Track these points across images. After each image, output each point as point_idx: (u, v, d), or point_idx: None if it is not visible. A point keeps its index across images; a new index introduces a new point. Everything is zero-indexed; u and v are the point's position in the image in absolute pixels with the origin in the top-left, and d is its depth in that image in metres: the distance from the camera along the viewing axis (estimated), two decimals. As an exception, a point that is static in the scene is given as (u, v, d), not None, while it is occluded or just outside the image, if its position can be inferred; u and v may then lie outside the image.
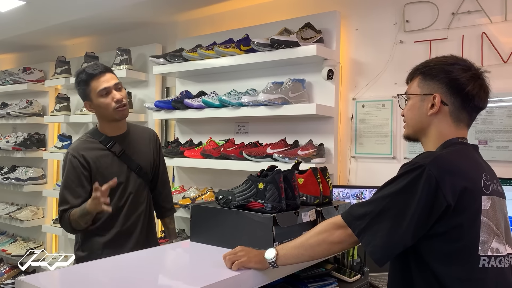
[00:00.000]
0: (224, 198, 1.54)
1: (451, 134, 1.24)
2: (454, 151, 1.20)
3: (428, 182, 1.10)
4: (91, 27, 3.75)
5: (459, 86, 1.21)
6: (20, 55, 5.01)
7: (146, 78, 3.54)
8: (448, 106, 1.23)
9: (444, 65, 1.24)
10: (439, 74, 1.24)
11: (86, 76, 1.97)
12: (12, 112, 4.21)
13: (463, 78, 1.21)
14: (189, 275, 1.37)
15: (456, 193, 1.11)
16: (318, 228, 1.27)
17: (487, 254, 1.13)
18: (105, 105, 1.96)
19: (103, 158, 1.99)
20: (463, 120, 1.25)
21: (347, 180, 2.57)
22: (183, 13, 3.34)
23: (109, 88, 1.96)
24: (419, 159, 1.17)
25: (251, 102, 2.53)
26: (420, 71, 1.29)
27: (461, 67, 1.23)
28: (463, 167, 1.16)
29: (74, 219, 1.88)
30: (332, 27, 2.57)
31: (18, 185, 4.13)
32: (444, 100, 1.23)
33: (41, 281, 1.25)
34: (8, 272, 4.26)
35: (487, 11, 2.19)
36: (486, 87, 1.24)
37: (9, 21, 3.63)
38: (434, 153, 1.19)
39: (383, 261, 1.13)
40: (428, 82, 1.26)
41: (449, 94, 1.22)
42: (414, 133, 1.32)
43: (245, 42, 2.67)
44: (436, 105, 1.23)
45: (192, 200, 2.88)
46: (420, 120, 1.28)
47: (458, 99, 1.22)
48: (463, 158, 1.19)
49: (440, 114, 1.24)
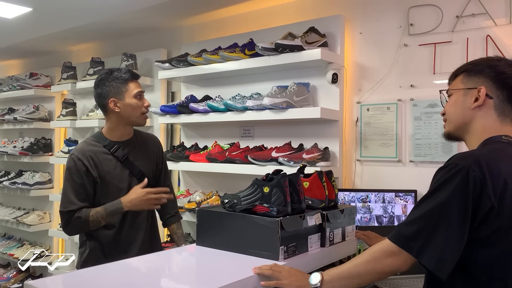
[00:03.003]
0: (230, 202, 1.54)
1: (495, 130, 1.21)
2: (494, 149, 1.16)
3: (473, 184, 1.06)
4: (97, 33, 3.78)
5: (505, 80, 1.21)
6: (27, 61, 5.05)
7: (151, 83, 3.56)
8: (493, 99, 1.21)
9: (490, 61, 1.25)
10: (484, 69, 1.23)
11: (128, 75, 2.04)
12: (19, 117, 4.24)
13: (510, 72, 1.21)
14: (195, 280, 1.37)
15: (497, 194, 1.08)
16: (365, 256, 1.20)
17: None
18: (137, 106, 2.04)
19: (106, 162, 2.01)
20: (509, 115, 1.22)
21: (353, 184, 2.57)
22: (188, 18, 3.36)
23: (143, 94, 2.09)
24: (457, 160, 1.12)
25: (256, 106, 2.54)
26: (464, 68, 1.28)
27: (507, 62, 1.23)
28: (504, 166, 1.11)
29: (97, 218, 1.92)
30: (336, 31, 2.57)
31: (25, 190, 4.15)
32: (489, 93, 1.21)
33: (48, 285, 1.27)
34: (16, 276, 4.29)
35: (492, 14, 2.18)
36: None
37: (16, 27, 3.67)
38: (473, 152, 1.16)
39: (448, 274, 1.08)
40: (473, 77, 1.25)
41: (494, 87, 1.21)
42: (456, 129, 1.28)
43: (249, 47, 2.68)
44: (481, 97, 1.21)
45: (197, 204, 2.88)
46: (463, 114, 1.25)
47: (504, 92, 1.21)
48: (504, 157, 1.14)
49: (484, 107, 1.22)
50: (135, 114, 2.04)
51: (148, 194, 1.97)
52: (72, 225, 1.95)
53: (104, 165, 2.00)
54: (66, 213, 1.94)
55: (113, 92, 2.02)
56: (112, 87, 2.02)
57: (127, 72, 2.05)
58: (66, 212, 1.94)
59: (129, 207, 1.95)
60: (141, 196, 1.96)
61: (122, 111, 2.02)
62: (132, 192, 1.98)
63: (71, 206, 1.93)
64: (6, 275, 4.33)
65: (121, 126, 2.06)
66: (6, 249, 4.39)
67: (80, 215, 1.92)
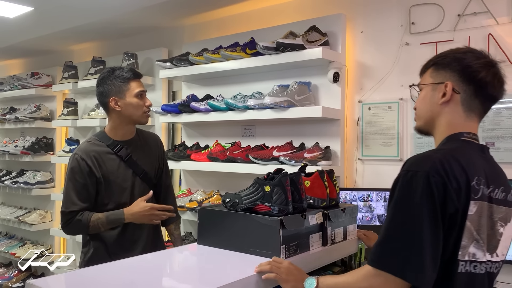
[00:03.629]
0: (231, 201, 1.54)
1: (460, 126, 1.19)
2: (451, 150, 1.15)
3: (436, 189, 1.05)
4: (98, 32, 3.78)
5: (472, 73, 1.17)
6: (28, 60, 5.06)
7: (152, 82, 3.56)
8: (460, 94, 1.18)
9: (456, 54, 1.21)
10: (451, 63, 1.20)
11: (130, 74, 2.04)
12: (20, 117, 4.25)
13: (476, 65, 1.17)
14: (197, 279, 1.37)
15: (456, 196, 1.07)
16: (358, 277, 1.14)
17: (464, 258, 1.10)
18: (138, 106, 2.03)
19: (110, 162, 2.01)
20: (475, 110, 1.19)
21: (354, 183, 2.57)
22: (189, 18, 3.36)
23: (144, 93, 2.08)
24: (415, 165, 1.10)
25: (257, 105, 2.53)
26: (433, 61, 1.25)
27: (474, 55, 1.19)
28: (456, 169, 1.09)
29: (97, 224, 1.93)
30: (337, 30, 2.57)
31: (26, 189, 4.16)
32: (456, 88, 1.19)
33: (50, 284, 1.27)
34: (17, 276, 4.30)
35: (493, 12, 2.18)
36: (500, 76, 1.19)
37: (17, 27, 3.67)
38: (428, 155, 1.12)
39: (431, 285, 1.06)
40: (441, 71, 1.22)
41: (461, 81, 1.18)
42: (425, 124, 1.27)
43: (250, 46, 2.68)
44: (448, 93, 1.19)
45: (199, 203, 2.88)
46: (431, 110, 1.23)
47: (470, 87, 1.18)
48: (457, 158, 1.11)
49: (451, 103, 1.20)
50: (137, 113, 2.04)
51: (152, 210, 1.97)
52: (71, 226, 1.95)
53: (107, 165, 2.00)
54: (68, 214, 1.94)
55: (114, 90, 2.01)
56: (114, 86, 2.01)
57: (129, 71, 2.04)
58: (68, 212, 1.94)
59: (130, 219, 1.96)
60: (145, 211, 1.96)
61: (123, 110, 2.02)
62: (136, 204, 1.98)
63: (72, 207, 1.93)
64: (8, 274, 4.34)
65: (123, 125, 2.05)
66: (7, 248, 4.40)
67: (81, 218, 1.92)
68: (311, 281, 1.24)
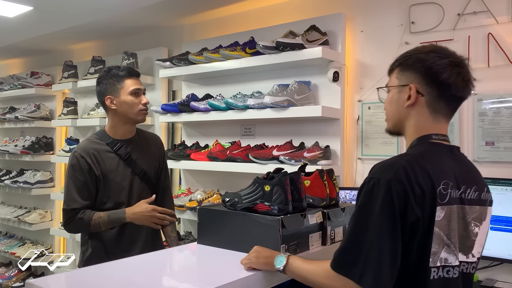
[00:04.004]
0: (231, 201, 1.54)
1: (428, 128, 1.18)
2: (414, 156, 1.13)
3: (397, 198, 1.04)
4: (97, 32, 3.78)
5: (434, 75, 1.14)
6: (28, 60, 5.06)
7: (152, 82, 3.56)
8: (424, 96, 1.16)
9: (420, 54, 1.18)
10: (415, 64, 1.17)
11: (125, 72, 2.03)
12: (20, 116, 4.25)
13: (438, 66, 1.14)
14: (197, 278, 1.37)
15: (419, 204, 1.06)
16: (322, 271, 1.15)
17: (436, 265, 1.10)
18: (133, 104, 2.02)
19: (109, 160, 2.01)
20: (441, 111, 1.18)
21: (354, 182, 2.57)
22: (189, 17, 3.36)
23: (140, 91, 2.06)
24: (378, 173, 1.09)
25: (257, 105, 2.53)
26: (399, 62, 1.22)
27: (437, 55, 1.16)
28: (420, 176, 1.08)
29: (98, 223, 1.93)
30: (337, 29, 2.57)
31: (26, 189, 4.16)
32: (420, 90, 1.16)
33: (50, 284, 1.27)
34: (17, 275, 4.30)
35: (493, 12, 2.18)
36: (465, 75, 1.16)
37: (17, 26, 3.67)
38: (394, 162, 1.11)
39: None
40: (405, 72, 1.19)
41: (424, 83, 1.16)
42: (394, 126, 1.26)
43: (250, 45, 2.68)
44: (412, 95, 1.17)
45: (199, 203, 2.88)
46: (398, 113, 1.22)
47: (434, 89, 1.15)
48: (422, 164, 1.11)
49: (417, 105, 1.18)
50: (132, 111, 2.03)
51: (153, 211, 1.98)
52: (73, 224, 1.95)
53: (106, 163, 2.00)
54: (69, 211, 1.94)
55: (110, 89, 2.02)
56: (109, 85, 2.02)
57: (124, 70, 2.04)
58: (69, 210, 1.94)
59: (131, 219, 1.97)
60: (146, 212, 1.97)
61: (119, 108, 2.02)
62: (138, 205, 1.99)
63: (74, 204, 1.94)
64: (7, 273, 4.34)
65: (121, 124, 2.06)
66: (7, 247, 4.40)
67: (82, 216, 1.93)
68: (281, 259, 1.27)
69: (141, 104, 2.04)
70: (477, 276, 2.08)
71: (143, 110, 2.05)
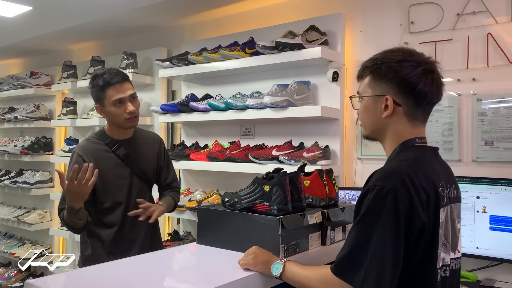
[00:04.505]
0: (231, 201, 1.54)
1: (408, 134, 1.20)
2: (415, 160, 1.14)
3: (403, 206, 1.04)
4: (97, 31, 3.78)
5: (410, 86, 1.15)
6: (27, 60, 5.05)
7: (152, 82, 3.55)
8: (401, 106, 1.17)
9: (392, 63, 1.17)
10: (388, 74, 1.17)
11: (103, 83, 1.95)
12: (19, 116, 4.24)
13: (414, 77, 1.14)
14: (196, 278, 1.37)
15: (425, 210, 1.07)
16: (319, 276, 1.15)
17: (439, 266, 1.11)
18: (117, 114, 1.97)
19: (107, 160, 2.01)
20: (419, 118, 1.20)
21: (353, 182, 2.57)
22: (188, 17, 3.36)
23: (124, 99, 1.97)
24: (383, 181, 1.08)
25: (257, 105, 2.53)
26: (369, 69, 1.22)
27: (410, 64, 1.15)
28: (423, 178, 1.09)
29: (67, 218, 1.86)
30: (336, 29, 2.57)
31: (25, 189, 4.15)
32: (396, 100, 1.17)
33: (50, 284, 1.26)
34: (17, 275, 4.29)
35: (493, 12, 2.18)
36: (438, 80, 1.17)
37: (17, 26, 3.67)
38: (395, 169, 1.11)
39: None
40: (378, 82, 1.19)
41: (401, 94, 1.16)
42: (372, 133, 1.27)
43: (250, 45, 2.68)
44: (390, 107, 1.17)
45: (198, 203, 2.88)
46: (376, 122, 1.23)
47: (411, 99, 1.16)
48: (424, 169, 1.12)
49: (395, 115, 1.18)
50: (118, 120, 1.99)
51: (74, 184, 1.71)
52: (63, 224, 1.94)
53: (105, 163, 2.00)
54: (58, 210, 1.94)
55: (96, 98, 2.01)
56: (94, 94, 2.01)
57: (104, 79, 1.95)
58: (60, 209, 1.92)
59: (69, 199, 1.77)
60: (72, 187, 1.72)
61: (107, 116, 2.02)
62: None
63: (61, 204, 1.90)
64: (7, 274, 4.33)
65: (114, 127, 2.05)
66: (7, 248, 4.39)
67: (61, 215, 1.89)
68: (277, 266, 1.26)
69: (125, 113, 1.97)
70: (477, 276, 2.08)
71: (129, 119, 1.99)
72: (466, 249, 2.03)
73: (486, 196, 2.03)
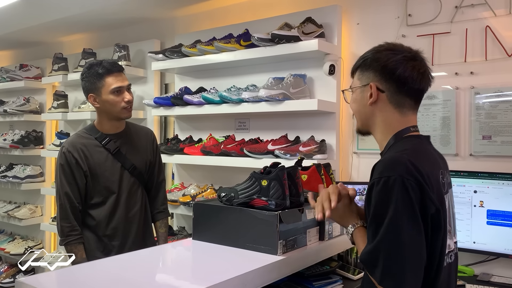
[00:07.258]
0: (227, 196, 1.51)
1: (398, 122, 1.21)
2: (413, 149, 1.15)
3: (413, 192, 1.03)
4: (88, 23, 3.71)
5: (390, 71, 1.19)
6: (17, 52, 4.96)
7: (144, 75, 3.50)
8: (385, 92, 1.21)
9: (376, 53, 1.23)
10: (372, 63, 1.23)
11: (104, 70, 1.96)
12: (9, 110, 4.17)
13: (392, 62, 1.19)
14: (192, 275, 1.35)
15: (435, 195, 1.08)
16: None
17: (445, 253, 1.13)
18: (114, 102, 1.97)
19: (97, 154, 1.99)
20: (405, 104, 1.21)
21: (349, 176, 2.55)
22: (182, 8, 3.30)
23: (122, 88, 1.99)
24: (387, 171, 1.07)
25: (252, 98, 2.50)
26: (358, 63, 1.28)
27: (391, 52, 1.21)
28: (426, 165, 1.11)
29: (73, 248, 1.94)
30: (333, 21, 2.54)
31: (16, 183, 4.09)
32: (379, 87, 1.21)
33: (41, 282, 1.23)
34: (7, 271, 4.24)
35: (491, 4, 2.16)
36: (421, 67, 1.20)
37: (5, 17, 3.59)
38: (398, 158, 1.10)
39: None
40: (365, 72, 1.25)
41: (383, 80, 1.20)
42: (362, 125, 1.30)
43: (245, 37, 2.63)
44: (374, 93, 1.21)
45: (192, 198, 2.85)
46: (364, 111, 1.26)
47: (392, 84, 1.20)
48: (425, 158, 1.14)
49: (380, 102, 1.22)
50: (115, 110, 1.99)
51: None
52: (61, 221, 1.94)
53: (95, 158, 1.98)
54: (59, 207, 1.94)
55: (91, 87, 1.99)
56: (90, 83, 1.98)
57: (104, 67, 1.97)
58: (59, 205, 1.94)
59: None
60: None
61: (101, 106, 2.00)
62: None
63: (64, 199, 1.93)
64: (-3, 269, 4.28)
65: (106, 120, 2.03)
66: (-3, 243, 4.34)
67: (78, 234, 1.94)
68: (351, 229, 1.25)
69: (123, 102, 1.99)
70: (473, 270, 2.08)
71: (126, 108, 2.01)
72: (463, 243, 2.02)
73: (483, 190, 2.02)
